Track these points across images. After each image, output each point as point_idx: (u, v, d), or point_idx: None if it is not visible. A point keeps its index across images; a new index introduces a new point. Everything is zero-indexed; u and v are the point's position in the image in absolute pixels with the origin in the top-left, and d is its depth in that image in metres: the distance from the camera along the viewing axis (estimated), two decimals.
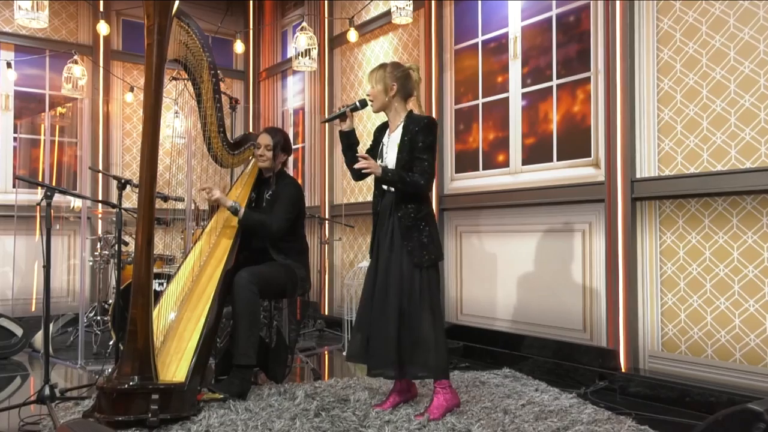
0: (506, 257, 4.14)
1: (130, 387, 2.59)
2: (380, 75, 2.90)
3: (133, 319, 2.70)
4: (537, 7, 4.00)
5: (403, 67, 2.94)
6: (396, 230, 2.86)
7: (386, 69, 2.91)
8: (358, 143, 3.04)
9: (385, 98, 2.90)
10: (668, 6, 3.26)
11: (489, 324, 4.21)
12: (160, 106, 2.91)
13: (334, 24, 5.89)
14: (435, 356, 2.75)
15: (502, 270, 4.17)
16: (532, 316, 3.95)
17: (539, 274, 3.92)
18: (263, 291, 3.21)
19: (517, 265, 4.06)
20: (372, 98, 2.94)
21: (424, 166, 2.81)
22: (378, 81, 2.90)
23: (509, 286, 4.11)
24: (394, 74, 2.89)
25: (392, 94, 2.90)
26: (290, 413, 2.79)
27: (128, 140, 6.47)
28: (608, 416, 2.79)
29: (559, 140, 3.84)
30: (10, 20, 5.82)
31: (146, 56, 2.87)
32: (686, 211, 3.16)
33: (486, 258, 4.28)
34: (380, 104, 2.93)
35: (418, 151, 2.82)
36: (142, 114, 2.90)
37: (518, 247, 4.06)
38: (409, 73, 2.93)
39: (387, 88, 2.89)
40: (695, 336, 3.11)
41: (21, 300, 5.55)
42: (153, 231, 2.82)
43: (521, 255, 4.03)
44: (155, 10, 2.84)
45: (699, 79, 3.12)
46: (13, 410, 2.89)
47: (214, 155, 3.38)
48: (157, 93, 2.87)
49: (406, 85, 2.91)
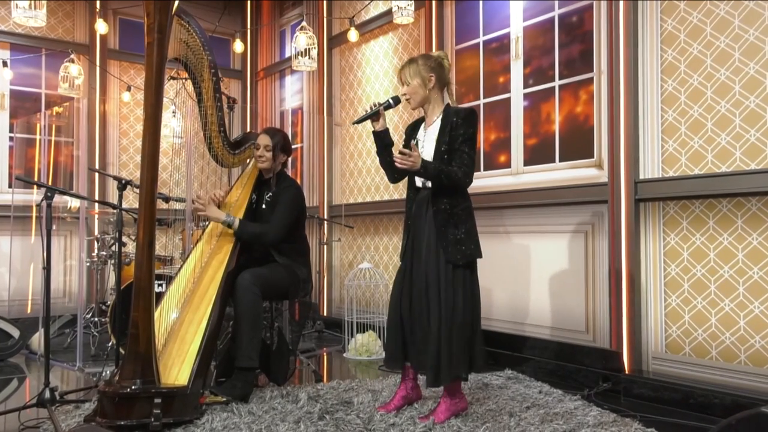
0: (508, 258, 4.12)
1: (133, 391, 2.55)
2: (414, 69, 2.81)
3: (135, 322, 2.66)
4: (539, 7, 3.98)
5: (435, 56, 2.87)
6: (431, 228, 2.76)
7: (418, 62, 2.82)
8: (392, 143, 2.91)
9: (424, 92, 2.82)
10: (672, 6, 3.24)
11: (490, 325, 4.19)
12: (161, 106, 2.87)
13: (333, 24, 5.86)
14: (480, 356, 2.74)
15: (503, 271, 4.15)
16: (534, 318, 3.93)
17: (541, 275, 3.90)
18: (265, 293, 3.18)
19: (518, 266, 4.05)
20: (409, 95, 2.84)
21: (464, 158, 2.72)
22: (413, 75, 2.81)
23: (510, 287, 4.10)
24: (428, 65, 2.81)
25: (431, 85, 2.82)
26: (294, 416, 2.76)
27: (125, 140, 6.42)
28: (614, 419, 2.78)
29: (562, 141, 3.83)
30: (6, 18, 5.77)
31: (146, 55, 2.83)
32: (690, 213, 3.15)
33: (487, 259, 4.24)
34: (420, 99, 2.84)
35: (459, 143, 2.73)
36: (143, 113, 2.87)
37: (520, 248, 4.04)
38: (442, 61, 2.86)
39: (425, 81, 2.81)
40: (699, 338, 3.10)
41: (17, 301, 5.50)
42: (155, 232, 2.78)
43: (523, 256, 4.02)
44: (155, 8, 2.80)
45: (703, 80, 3.11)
46: (12, 414, 2.85)
47: (215, 155, 3.35)
48: (157, 92, 2.83)
49: (441, 74, 2.84)
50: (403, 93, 2.87)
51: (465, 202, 2.80)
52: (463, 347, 2.70)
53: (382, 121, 2.85)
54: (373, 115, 2.83)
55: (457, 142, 2.74)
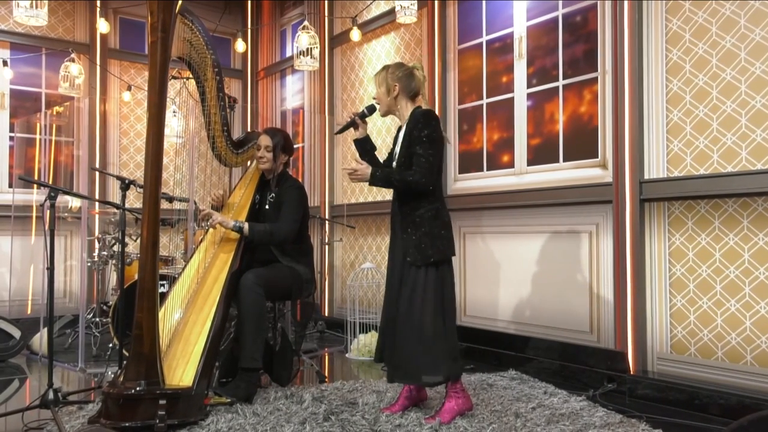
0: (511, 258, 4.11)
1: (137, 392, 2.54)
2: (382, 77, 2.87)
3: (139, 323, 2.65)
4: (543, 7, 3.97)
5: (406, 67, 2.89)
6: (397, 233, 2.85)
7: (388, 70, 2.87)
8: (374, 148, 2.98)
9: (387, 100, 2.87)
10: (677, 6, 3.24)
11: (493, 325, 4.19)
12: (165, 105, 2.86)
13: (335, 23, 5.85)
14: (442, 360, 2.70)
15: (506, 271, 4.14)
16: (537, 318, 3.92)
17: (545, 275, 3.89)
18: (269, 293, 3.16)
19: (522, 266, 4.04)
20: (378, 102, 2.91)
21: (420, 161, 2.72)
22: (380, 83, 2.87)
23: (514, 287, 4.09)
24: (395, 74, 2.84)
25: (395, 94, 2.85)
26: (299, 417, 2.75)
27: (125, 139, 6.40)
28: (620, 419, 2.77)
29: (566, 141, 3.82)
30: (6, 18, 5.74)
31: (150, 54, 2.82)
32: (696, 213, 3.14)
33: (490, 259, 4.25)
34: (385, 107, 2.90)
35: (416, 146, 2.74)
36: (147, 113, 2.85)
37: (523, 248, 4.03)
38: (413, 71, 2.87)
39: (389, 89, 2.85)
40: (705, 338, 3.09)
41: (17, 301, 5.47)
42: (159, 232, 2.77)
43: (526, 256, 4.01)
44: (159, 6, 2.79)
45: (709, 79, 3.10)
46: (15, 415, 2.83)
47: (218, 154, 3.33)
48: (161, 92, 2.82)
49: (409, 84, 2.85)
50: (374, 97, 2.94)
51: (428, 204, 2.78)
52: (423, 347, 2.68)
53: (361, 129, 2.98)
54: (351, 125, 2.97)
55: (414, 145, 2.75)
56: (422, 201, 2.78)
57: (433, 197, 2.81)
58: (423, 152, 2.71)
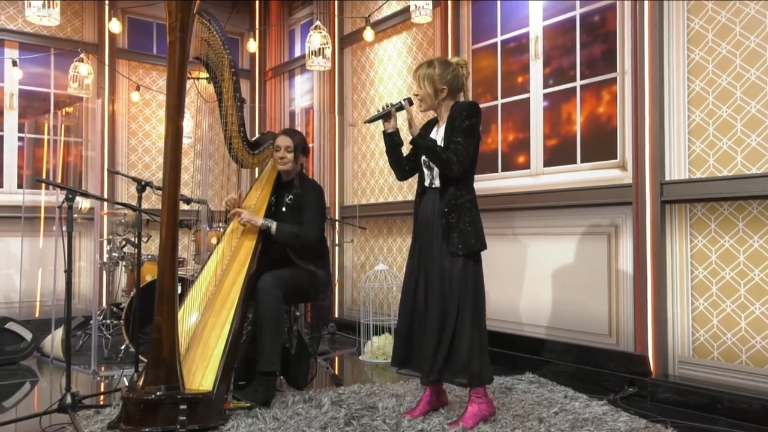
0: (527, 260, 4.08)
1: (158, 397, 2.50)
2: (429, 76, 2.78)
3: (158, 327, 2.62)
4: (560, 6, 3.94)
5: (452, 66, 2.83)
6: (435, 221, 2.76)
7: (435, 69, 2.79)
8: (402, 143, 2.91)
9: (434, 101, 2.81)
10: (699, 6, 3.20)
11: (508, 327, 4.15)
12: (183, 106, 2.83)
13: (345, 23, 5.81)
14: (472, 362, 2.66)
15: (522, 273, 4.10)
16: (554, 320, 3.88)
17: (561, 277, 3.86)
18: (287, 296, 3.13)
19: (538, 268, 4.00)
20: (420, 98, 2.83)
21: (458, 147, 2.68)
22: (427, 82, 2.78)
23: (529, 289, 4.05)
24: (444, 77, 2.78)
25: (442, 96, 2.80)
26: (319, 422, 2.71)
27: (134, 140, 6.37)
28: (645, 425, 2.73)
29: (583, 142, 3.78)
30: (15, 17, 5.71)
31: (169, 54, 2.79)
32: (719, 215, 3.10)
33: (506, 261, 4.21)
34: (430, 105, 2.83)
35: (455, 134, 2.71)
36: (165, 114, 2.82)
37: (539, 249, 4.00)
38: (458, 70, 2.83)
39: (437, 92, 2.79)
40: (729, 342, 3.05)
41: (25, 303, 5.43)
42: (177, 235, 2.73)
43: (542, 258, 3.97)
44: (178, 6, 2.76)
45: (732, 80, 3.06)
46: (32, 419, 2.80)
47: (234, 156, 3.29)
48: (180, 92, 2.79)
49: (456, 84, 2.82)
50: (415, 93, 2.86)
51: (469, 194, 2.78)
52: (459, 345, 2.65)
53: (393, 122, 2.86)
54: (384, 116, 2.84)
55: (456, 132, 2.72)
56: (463, 189, 2.75)
57: (471, 188, 2.80)
58: (462, 140, 2.70)
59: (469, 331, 2.67)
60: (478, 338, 2.69)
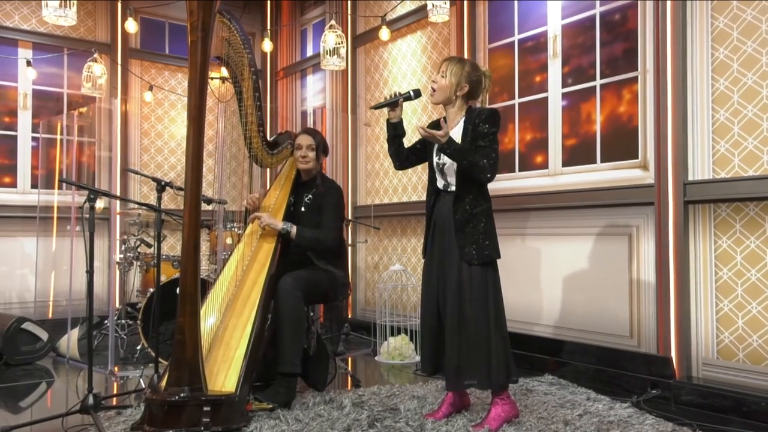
0: (545, 261, 4.04)
1: (181, 399, 2.49)
2: (458, 70, 2.77)
3: (181, 328, 2.60)
4: (579, 5, 3.90)
5: (481, 72, 2.84)
6: (451, 228, 2.74)
7: (464, 66, 2.79)
8: (404, 133, 2.92)
9: (452, 94, 2.79)
10: (724, 4, 3.16)
11: (527, 329, 4.12)
12: (205, 106, 2.81)
13: (358, 22, 5.79)
14: (494, 365, 2.65)
15: (541, 274, 4.07)
16: (574, 322, 3.85)
17: (581, 278, 3.82)
18: (307, 297, 3.11)
19: (557, 269, 3.97)
20: (438, 88, 2.80)
21: (490, 153, 2.68)
22: (453, 74, 2.77)
23: (548, 290, 4.02)
24: (471, 77, 2.78)
25: (461, 93, 2.79)
26: (342, 424, 2.69)
27: (146, 140, 6.36)
28: (672, 428, 2.70)
29: (603, 141, 3.75)
30: (29, 18, 5.71)
31: (190, 54, 2.77)
32: (744, 215, 3.07)
33: (524, 262, 4.18)
34: (444, 98, 2.81)
35: (482, 139, 2.69)
36: (186, 115, 2.80)
37: (558, 250, 3.96)
38: (483, 79, 2.84)
39: (459, 86, 2.77)
40: (755, 343, 3.02)
41: (39, 303, 5.43)
42: (199, 236, 2.72)
43: (562, 258, 3.94)
44: (199, 6, 2.74)
45: (759, 78, 3.03)
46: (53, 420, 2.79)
47: (254, 155, 3.27)
48: (201, 92, 2.77)
49: (476, 88, 2.82)
50: (434, 81, 2.83)
51: (486, 203, 2.78)
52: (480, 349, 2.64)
53: (398, 111, 2.86)
54: (392, 104, 2.84)
55: (480, 138, 2.70)
56: (480, 198, 2.75)
57: (488, 196, 2.80)
58: (490, 146, 2.69)
59: (493, 337, 2.66)
60: (501, 343, 2.68)
